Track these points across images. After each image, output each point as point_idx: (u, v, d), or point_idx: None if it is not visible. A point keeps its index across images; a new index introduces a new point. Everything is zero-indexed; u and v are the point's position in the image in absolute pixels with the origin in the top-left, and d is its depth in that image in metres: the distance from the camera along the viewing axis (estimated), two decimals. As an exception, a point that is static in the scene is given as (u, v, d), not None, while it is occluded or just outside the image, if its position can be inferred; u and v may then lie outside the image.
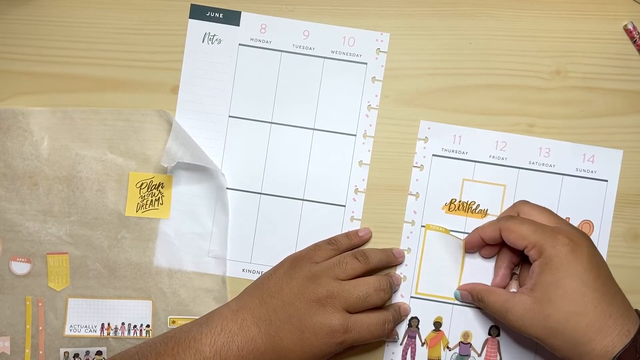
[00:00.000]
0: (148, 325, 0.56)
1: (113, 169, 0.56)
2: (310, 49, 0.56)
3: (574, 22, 0.55)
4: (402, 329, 0.56)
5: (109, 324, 0.56)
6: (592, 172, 0.56)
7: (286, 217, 0.56)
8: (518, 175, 0.56)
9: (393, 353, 0.56)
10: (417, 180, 0.56)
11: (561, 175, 0.56)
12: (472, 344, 0.56)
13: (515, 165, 0.56)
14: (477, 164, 0.56)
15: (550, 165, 0.56)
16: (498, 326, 0.55)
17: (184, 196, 0.56)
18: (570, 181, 0.56)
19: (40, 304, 0.55)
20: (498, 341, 0.56)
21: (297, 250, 0.54)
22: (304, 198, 0.56)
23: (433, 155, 0.56)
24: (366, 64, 0.56)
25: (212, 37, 0.56)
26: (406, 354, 0.56)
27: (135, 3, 0.56)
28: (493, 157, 0.56)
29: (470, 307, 0.55)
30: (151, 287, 0.56)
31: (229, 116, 0.56)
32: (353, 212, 0.56)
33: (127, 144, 0.56)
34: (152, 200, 0.56)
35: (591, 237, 0.55)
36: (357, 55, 0.56)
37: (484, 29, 0.55)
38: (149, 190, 0.56)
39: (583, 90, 0.56)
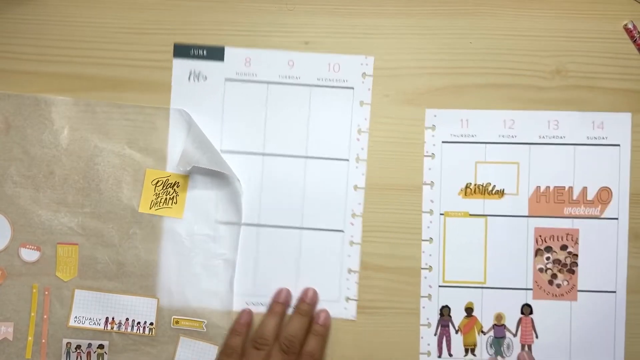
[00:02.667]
0: (152, 323, 0.55)
1: (130, 164, 0.55)
2: (296, 78, 0.56)
3: (574, 21, 0.55)
4: (434, 319, 0.56)
5: (113, 319, 0.56)
6: (603, 138, 0.56)
7: (286, 247, 0.56)
8: (530, 151, 0.56)
9: (429, 345, 0.56)
10: (429, 169, 0.56)
11: (573, 146, 0.56)
12: (506, 325, 0.56)
13: (526, 142, 0.56)
14: (487, 145, 0.56)
15: (561, 137, 0.56)
16: (530, 304, 0.56)
17: (199, 198, 0.56)
18: (583, 150, 0.56)
19: (46, 293, 0.55)
20: (532, 319, 0.56)
21: None
22: (302, 226, 0.56)
23: (442, 142, 0.56)
24: (353, 88, 0.56)
25: (197, 74, 0.56)
26: (441, 343, 0.56)
27: (134, 2, 0.56)
28: (502, 136, 0.56)
29: (500, 289, 0.56)
30: (158, 285, 0.55)
31: (221, 151, 0.56)
32: (352, 236, 0.56)
33: (147, 140, 0.55)
34: (166, 199, 0.55)
35: (611, 203, 0.56)
36: (344, 81, 0.56)
37: (484, 28, 0.56)
38: (164, 188, 0.55)
39: (583, 89, 0.56)
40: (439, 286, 0.56)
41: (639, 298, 0.56)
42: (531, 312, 0.56)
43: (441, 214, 0.56)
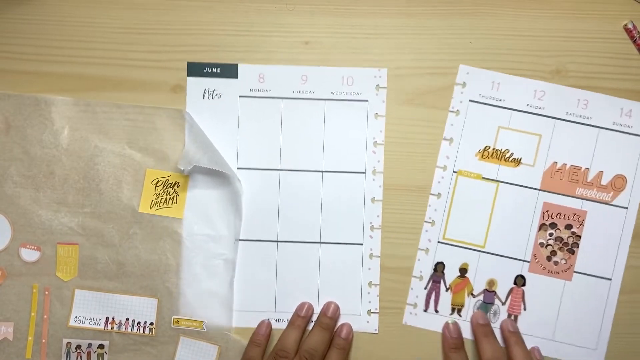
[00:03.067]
0: (152, 323, 0.55)
1: (130, 164, 0.55)
2: (310, 92, 0.56)
3: (574, 21, 0.56)
4: (427, 273, 0.56)
5: (113, 319, 0.56)
6: (628, 126, 0.56)
7: (305, 262, 0.56)
8: (554, 126, 0.56)
9: (417, 297, 0.56)
10: (452, 125, 0.56)
11: (597, 128, 0.56)
12: (497, 292, 0.56)
13: (552, 116, 0.56)
14: (513, 112, 0.56)
15: (587, 118, 0.56)
16: (524, 276, 0.56)
17: (199, 198, 0.56)
18: (606, 134, 0.56)
19: (47, 293, 0.55)
20: (523, 291, 0.56)
21: None
22: (321, 241, 0.56)
23: (470, 100, 0.56)
24: (367, 101, 0.56)
25: (212, 92, 0.56)
26: (430, 298, 0.56)
27: (134, 2, 0.56)
28: (530, 105, 0.56)
29: (497, 256, 0.56)
30: (158, 285, 0.55)
31: (238, 168, 0.56)
32: (371, 249, 0.56)
33: (147, 140, 0.55)
34: (166, 199, 0.55)
35: (623, 192, 0.56)
36: (358, 94, 0.56)
37: (484, 28, 0.56)
38: (164, 188, 0.55)
39: (583, 89, 0.56)
40: (438, 242, 0.56)
41: (633, 298, 0.56)
42: (524, 284, 0.56)
43: (454, 172, 0.56)
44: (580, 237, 0.56)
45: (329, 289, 0.56)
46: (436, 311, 0.56)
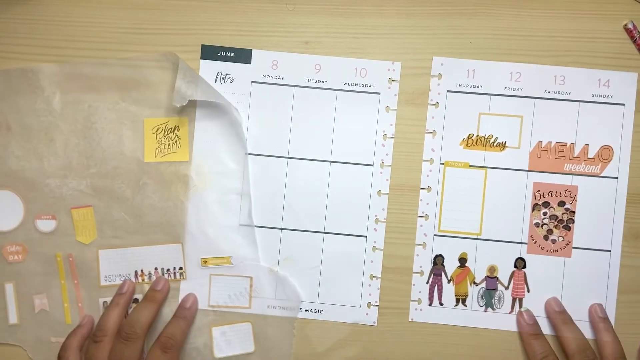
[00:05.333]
0: (181, 268, 0.56)
1: (127, 117, 0.56)
2: (323, 82, 0.56)
3: (574, 21, 0.56)
4: (427, 267, 0.56)
5: (142, 271, 0.56)
6: (608, 96, 0.56)
7: (308, 251, 0.56)
8: (534, 106, 0.56)
9: (420, 292, 0.56)
10: (433, 117, 0.56)
11: (577, 102, 0.56)
12: (499, 278, 0.56)
13: (531, 96, 0.56)
14: (492, 97, 0.56)
15: (566, 93, 0.56)
16: (523, 258, 0.56)
17: (201, 136, 0.56)
18: (587, 107, 0.56)
19: (71, 259, 0.55)
20: (524, 273, 0.56)
21: None
22: (325, 231, 0.56)
23: (448, 91, 0.56)
24: (379, 94, 0.56)
25: (224, 76, 0.56)
26: (433, 291, 0.56)
27: (134, 2, 0.56)
28: (508, 88, 0.56)
29: (495, 241, 0.56)
30: (179, 230, 0.56)
31: (246, 154, 0.56)
32: (375, 242, 0.56)
33: (138, 90, 0.56)
34: (169, 144, 0.56)
35: (611, 162, 0.56)
36: (370, 86, 0.56)
37: (484, 28, 0.56)
38: (165, 134, 0.56)
39: None
40: (434, 235, 0.56)
41: (632, 298, 0.56)
42: (524, 266, 0.56)
43: (441, 164, 0.56)
44: (574, 212, 0.56)
45: (330, 279, 0.56)
46: (441, 304, 0.56)
